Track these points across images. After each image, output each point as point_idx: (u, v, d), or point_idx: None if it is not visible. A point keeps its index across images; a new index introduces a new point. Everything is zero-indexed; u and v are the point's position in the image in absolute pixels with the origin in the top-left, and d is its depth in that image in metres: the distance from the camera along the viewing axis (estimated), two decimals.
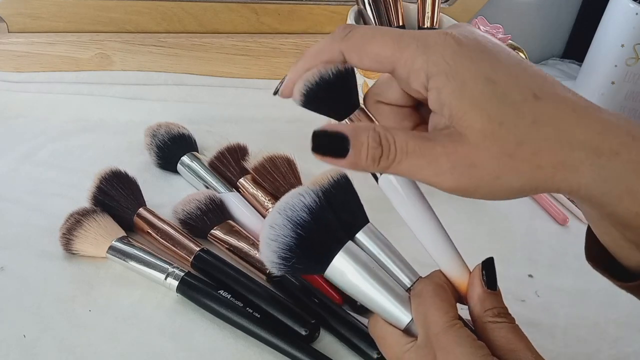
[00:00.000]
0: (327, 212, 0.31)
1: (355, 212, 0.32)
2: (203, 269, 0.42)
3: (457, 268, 0.31)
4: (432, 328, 0.28)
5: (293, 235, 0.29)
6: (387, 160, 0.25)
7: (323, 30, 0.69)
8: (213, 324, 0.39)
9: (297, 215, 0.30)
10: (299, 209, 0.30)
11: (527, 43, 0.57)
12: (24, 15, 0.58)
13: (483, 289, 0.29)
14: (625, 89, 0.69)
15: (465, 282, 0.30)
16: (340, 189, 0.32)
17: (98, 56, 0.60)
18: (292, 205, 0.30)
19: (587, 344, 0.43)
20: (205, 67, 0.64)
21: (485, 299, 0.29)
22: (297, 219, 0.29)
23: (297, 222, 0.29)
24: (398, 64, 0.26)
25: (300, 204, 0.30)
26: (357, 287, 0.30)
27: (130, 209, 0.44)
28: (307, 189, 0.30)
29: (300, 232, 0.29)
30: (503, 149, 0.24)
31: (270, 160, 0.48)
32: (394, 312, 0.30)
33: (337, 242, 0.30)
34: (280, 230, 0.29)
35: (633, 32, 0.65)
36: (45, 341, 0.36)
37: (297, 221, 0.29)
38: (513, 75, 0.25)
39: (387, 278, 0.31)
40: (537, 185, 0.25)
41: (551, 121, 0.24)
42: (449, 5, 0.72)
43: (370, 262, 0.31)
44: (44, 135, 0.53)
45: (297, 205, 0.30)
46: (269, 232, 0.29)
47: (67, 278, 0.40)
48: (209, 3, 0.63)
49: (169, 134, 0.51)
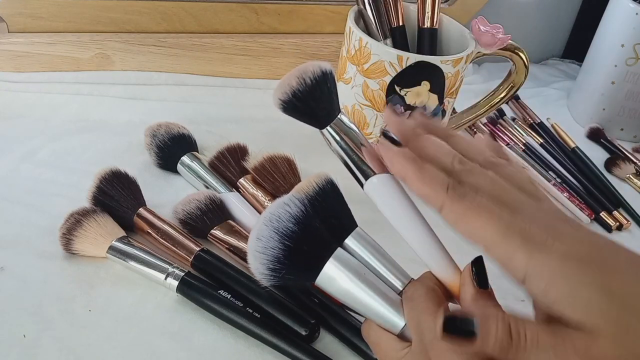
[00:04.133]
0: (314, 220, 0.30)
1: (342, 217, 0.32)
2: (203, 269, 0.42)
3: (447, 268, 0.30)
4: (426, 334, 0.28)
5: (281, 247, 0.29)
6: (517, 352, 0.25)
7: (323, 30, 0.69)
8: (213, 324, 0.39)
9: (284, 226, 0.29)
10: (285, 220, 0.29)
11: (527, 43, 0.57)
12: (24, 15, 0.58)
13: (475, 289, 0.29)
14: (625, 89, 0.69)
15: (456, 282, 0.30)
16: (327, 195, 0.31)
17: (98, 56, 0.60)
18: (278, 216, 0.29)
19: None
20: (205, 67, 0.64)
21: (478, 298, 0.29)
22: (283, 230, 0.29)
23: (284, 233, 0.29)
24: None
25: (286, 214, 0.29)
26: (350, 294, 0.30)
27: (130, 209, 0.44)
28: (293, 198, 0.30)
29: (288, 244, 0.29)
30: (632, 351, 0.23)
31: (270, 160, 0.48)
32: (388, 317, 0.30)
33: (326, 249, 0.30)
34: (268, 243, 0.29)
35: (633, 32, 0.65)
36: (45, 341, 0.36)
37: (284, 232, 0.29)
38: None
39: (378, 283, 0.30)
40: None
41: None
42: (449, 6, 0.72)
43: (361, 268, 0.30)
44: (44, 135, 0.53)
45: (283, 215, 0.29)
46: (256, 245, 0.29)
47: (67, 278, 0.40)
48: (209, 3, 0.63)
49: (169, 134, 0.51)
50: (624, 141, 0.72)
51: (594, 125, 0.72)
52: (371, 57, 0.50)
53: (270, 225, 0.29)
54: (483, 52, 0.53)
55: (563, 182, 0.61)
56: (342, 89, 0.54)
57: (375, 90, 0.51)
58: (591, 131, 0.71)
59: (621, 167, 0.65)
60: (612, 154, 0.68)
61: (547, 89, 0.80)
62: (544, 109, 0.74)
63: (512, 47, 0.54)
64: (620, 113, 0.71)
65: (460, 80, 0.53)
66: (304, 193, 0.31)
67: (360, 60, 0.51)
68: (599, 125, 0.72)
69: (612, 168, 0.66)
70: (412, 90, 0.50)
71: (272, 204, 0.30)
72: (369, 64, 0.50)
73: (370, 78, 0.51)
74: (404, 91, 0.50)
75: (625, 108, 0.70)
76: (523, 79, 0.56)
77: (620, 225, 0.57)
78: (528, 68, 0.55)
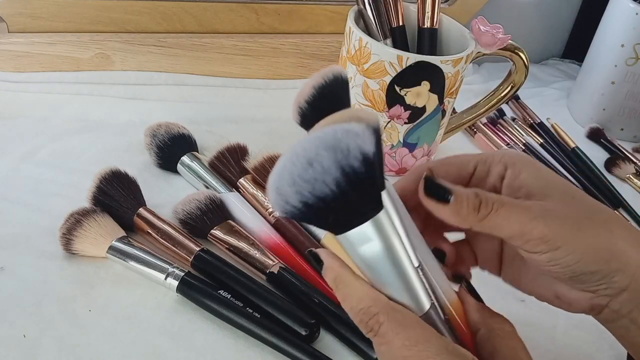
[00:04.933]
0: (378, 163, 0.24)
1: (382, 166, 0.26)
2: (203, 269, 0.42)
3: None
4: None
5: (334, 187, 0.23)
6: (487, 207, 0.28)
7: (323, 30, 0.69)
8: (213, 324, 0.39)
9: (349, 164, 0.22)
10: (353, 156, 0.22)
11: (527, 43, 0.57)
12: (24, 15, 0.58)
13: (475, 301, 0.30)
14: (625, 89, 0.69)
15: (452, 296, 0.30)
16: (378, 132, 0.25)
17: (98, 56, 0.60)
18: (347, 147, 0.22)
19: (587, 344, 0.43)
20: (205, 67, 0.64)
21: (482, 307, 0.30)
22: (349, 167, 0.22)
23: (346, 172, 0.22)
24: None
25: (357, 149, 0.22)
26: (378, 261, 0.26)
27: (130, 209, 0.44)
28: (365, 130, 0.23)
29: (345, 187, 0.23)
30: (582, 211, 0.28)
31: (270, 160, 0.49)
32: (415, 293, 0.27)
33: (374, 204, 0.25)
34: (322, 175, 0.22)
35: (633, 32, 0.65)
36: (45, 341, 0.36)
37: (348, 171, 0.22)
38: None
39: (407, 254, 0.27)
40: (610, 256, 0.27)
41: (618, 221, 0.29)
42: (449, 6, 0.72)
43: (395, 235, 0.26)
44: (44, 135, 0.53)
45: (353, 148, 0.22)
46: (304, 170, 0.22)
47: (67, 278, 0.40)
48: (209, 3, 0.63)
49: (169, 134, 0.51)
50: (624, 141, 0.72)
51: (594, 125, 0.72)
52: (371, 57, 0.50)
53: (333, 154, 0.22)
54: (483, 52, 0.53)
55: None
56: None
57: (375, 90, 0.51)
58: (591, 131, 0.71)
59: (621, 167, 0.65)
60: (612, 154, 0.68)
61: (547, 89, 0.80)
62: (544, 109, 0.74)
63: (512, 47, 0.54)
64: (620, 113, 0.71)
65: (460, 80, 0.53)
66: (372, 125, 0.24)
67: (360, 60, 0.51)
68: (599, 125, 0.72)
69: (612, 168, 0.66)
70: (412, 90, 0.50)
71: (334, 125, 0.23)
72: (369, 64, 0.50)
73: (370, 78, 0.51)
74: (404, 91, 0.50)
75: (625, 108, 0.70)
76: (523, 79, 0.56)
77: None
78: (528, 68, 0.55)
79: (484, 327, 0.29)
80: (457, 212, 0.28)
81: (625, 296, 0.28)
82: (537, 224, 0.27)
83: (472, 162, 0.32)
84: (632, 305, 0.28)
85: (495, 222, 0.28)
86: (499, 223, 0.28)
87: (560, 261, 0.27)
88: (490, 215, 0.28)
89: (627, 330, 0.29)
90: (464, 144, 0.66)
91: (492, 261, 0.34)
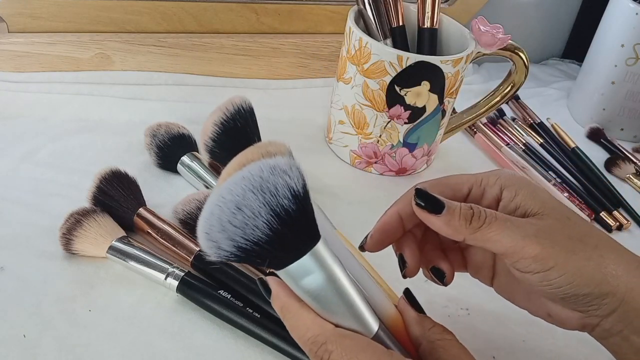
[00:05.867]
0: (308, 199, 0.23)
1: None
2: (203, 269, 0.42)
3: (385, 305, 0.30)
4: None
5: (267, 231, 0.22)
6: (479, 220, 0.28)
7: (323, 30, 0.69)
8: (213, 324, 0.39)
9: (279, 203, 0.21)
10: (282, 195, 0.21)
11: (527, 43, 0.57)
12: (24, 15, 0.58)
13: (416, 313, 0.30)
14: (625, 89, 0.69)
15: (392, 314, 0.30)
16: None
17: (98, 56, 0.60)
18: (275, 187, 0.21)
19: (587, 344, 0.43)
20: (205, 67, 0.64)
21: (422, 319, 0.30)
22: (278, 208, 0.21)
23: (276, 213, 0.21)
24: None
25: (284, 187, 0.22)
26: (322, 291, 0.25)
27: (130, 209, 0.44)
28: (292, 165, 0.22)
29: (278, 228, 0.22)
30: (575, 233, 0.29)
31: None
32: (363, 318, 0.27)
33: (311, 239, 0.24)
34: (252, 219, 0.21)
35: (633, 32, 0.65)
36: (45, 341, 0.36)
37: (276, 212, 0.21)
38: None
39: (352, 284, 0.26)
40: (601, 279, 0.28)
41: (609, 244, 0.30)
42: (449, 6, 0.72)
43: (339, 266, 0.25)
44: (44, 135, 0.53)
45: (281, 188, 0.22)
46: (232, 215, 0.21)
47: (67, 278, 0.40)
48: (209, 3, 0.63)
49: (169, 134, 0.51)
50: (624, 141, 0.72)
51: (594, 125, 0.72)
52: (371, 57, 0.50)
53: (261, 196, 0.21)
54: (483, 52, 0.53)
55: (563, 182, 0.61)
56: (342, 89, 0.54)
57: (375, 90, 0.51)
58: (591, 131, 0.71)
59: (621, 167, 0.65)
60: (612, 154, 0.68)
61: (547, 89, 0.80)
62: (544, 109, 0.74)
63: (512, 47, 0.54)
64: (620, 113, 0.71)
65: (460, 80, 0.53)
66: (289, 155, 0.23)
67: (360, 60, 0.51)
68: (599, 125, 0.72)
69: (612, 168, 0.66)
70: (412, 90, 0.50)
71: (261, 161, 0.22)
72: (369, 64, 0.50)
73: (370, 78, 0.51)
74: (404, 91, 0.50)
75: (625, 108, 0.70)
76: (523, 79, 0.56)
77: (620, 225, 0.57)
78: (528, 68, 0.55)
79: (424, 340, 0.29)
80: (448, 223, 0.28)
81: (615, 317, 0.28)
82: (530, 242, 0.28)
83: (467, 184, 0.32)
84: (622, 325, 0.28)
85: (488, 236, 0.28)
86: (491, 237, 0.28)
87: (553, 282, 0.28)
88: (483, 228, 0.28)
89: (620, 347, 0.30)
90: (464, 144, 0.66)
91: (485, 272, 0.34)
